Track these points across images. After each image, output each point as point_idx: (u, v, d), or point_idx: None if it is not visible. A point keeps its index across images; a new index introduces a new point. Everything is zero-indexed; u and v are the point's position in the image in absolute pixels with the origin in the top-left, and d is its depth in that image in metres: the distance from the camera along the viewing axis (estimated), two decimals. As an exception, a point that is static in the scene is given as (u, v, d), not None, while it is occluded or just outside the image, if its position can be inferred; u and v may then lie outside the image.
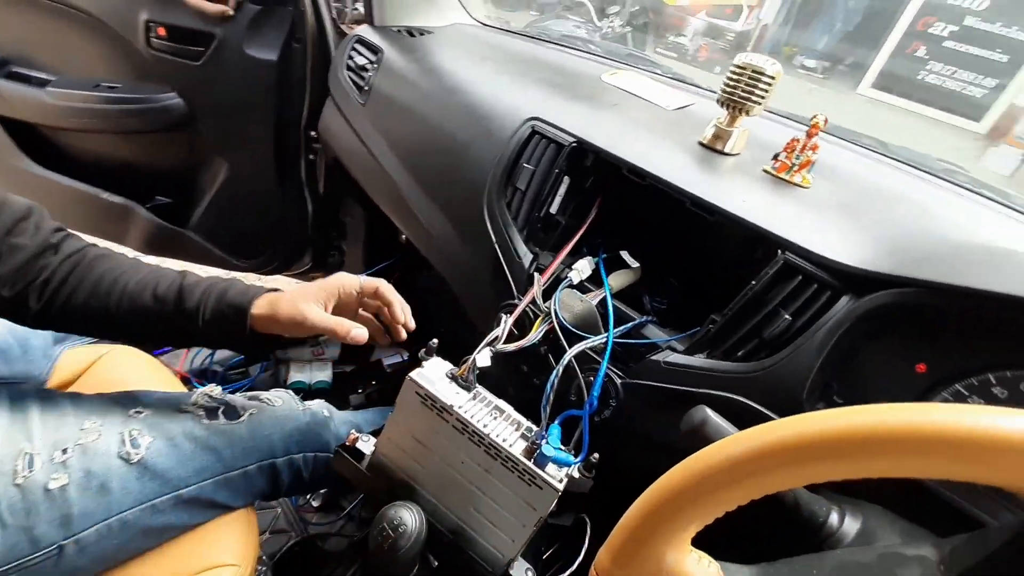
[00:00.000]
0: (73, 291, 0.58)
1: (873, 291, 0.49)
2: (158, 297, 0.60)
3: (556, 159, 0.71)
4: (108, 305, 0.59)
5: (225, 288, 0.62)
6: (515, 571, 0.58)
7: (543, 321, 0.64)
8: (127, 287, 0.60)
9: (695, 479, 0.31)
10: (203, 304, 0.61)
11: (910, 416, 0.25)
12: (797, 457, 0.27)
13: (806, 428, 0.28)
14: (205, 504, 0.63)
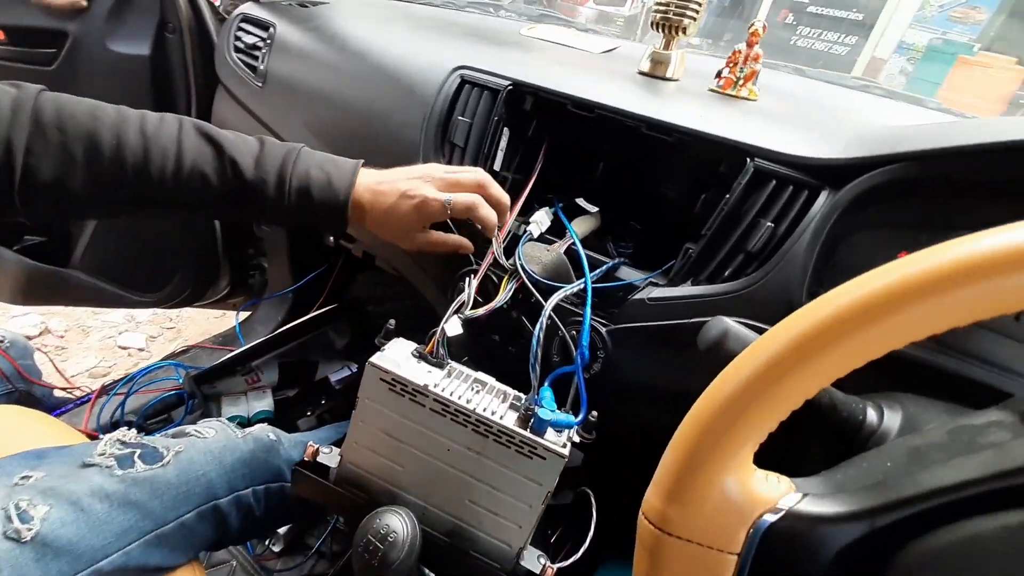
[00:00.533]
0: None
1: (850, 180, 0.47)
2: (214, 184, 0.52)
3: (493, 108, 0.65)
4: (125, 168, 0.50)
5: (306, 185, 0.55)
6: (527, 561, 0.51)
7: (510, 279, 0.57)
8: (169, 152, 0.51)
9: (751, 383, 0.26)
10: (287, 200, 0.53)
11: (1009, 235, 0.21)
12: (884, 311, 0.22)
13: (882, 282, 0.23)
14: (135, 573, 0.51)
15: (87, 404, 1.01)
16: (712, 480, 0.26)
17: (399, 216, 0.56)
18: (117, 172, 0.51)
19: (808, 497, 0.27)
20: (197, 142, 0.53)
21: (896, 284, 0.23)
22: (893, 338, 0.24)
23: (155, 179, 0.52)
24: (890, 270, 0.24)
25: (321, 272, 1.31)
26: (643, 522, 0.28)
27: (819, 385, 0.25)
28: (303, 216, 0.56)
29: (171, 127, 0.53)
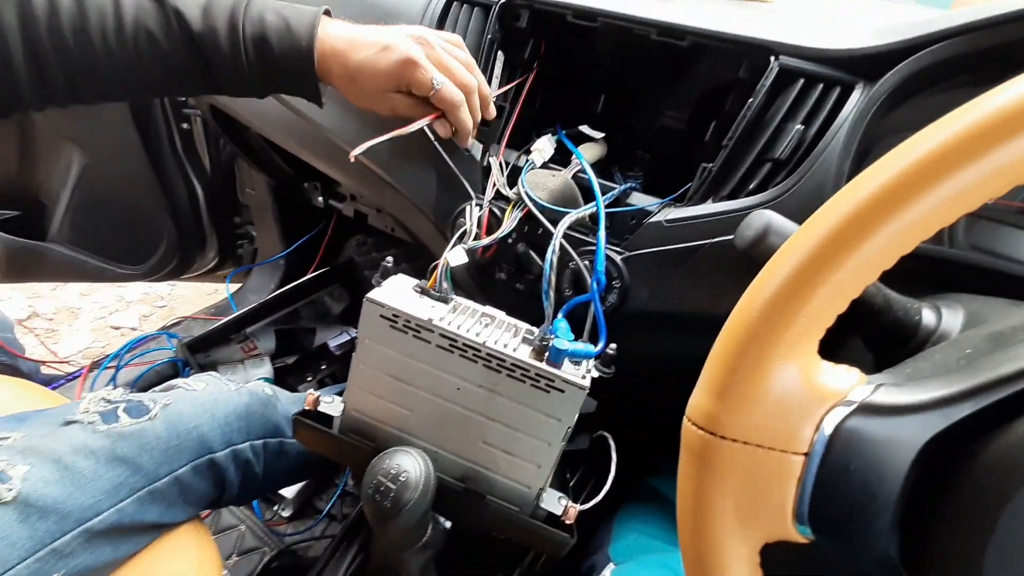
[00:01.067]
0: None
1: (888, 70, 0.42)
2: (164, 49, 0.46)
3: (484, 27, 0.59)
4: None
5: (262, 34, 0.48)
6: (547, 503, 0.49)
7: (515, 208, 0.53)
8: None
9: (815, 257, 0.22)
10: (243, 56, 0.47)
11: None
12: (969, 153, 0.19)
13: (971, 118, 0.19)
14: (131, 530, 0.48)
15: (78, 379, 0.97)
16: (771, 372, 0.23)
17: (375, 71, 0.49)
18: (56, 42, 0.45)
19: (883, 387, 0.23)
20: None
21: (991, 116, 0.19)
22: (986, 187, 0.20)
23: (97, 45, 0.46)
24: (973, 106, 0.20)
25: (312, 236, 1.26)
26: (689, 428, 0.25)
27: (895, 253, 0.22)
28: (264, 73, 0.50)
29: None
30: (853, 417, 0.23)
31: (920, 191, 0.20)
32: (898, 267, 0.40)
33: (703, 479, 0.24)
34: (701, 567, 0.25)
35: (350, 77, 0.50)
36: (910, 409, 0.22)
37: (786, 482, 0.23)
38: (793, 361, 0.23)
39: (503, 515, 0.47)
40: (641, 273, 0.51)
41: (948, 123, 0.20)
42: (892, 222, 0.21)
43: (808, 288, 0.22)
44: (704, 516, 0.24)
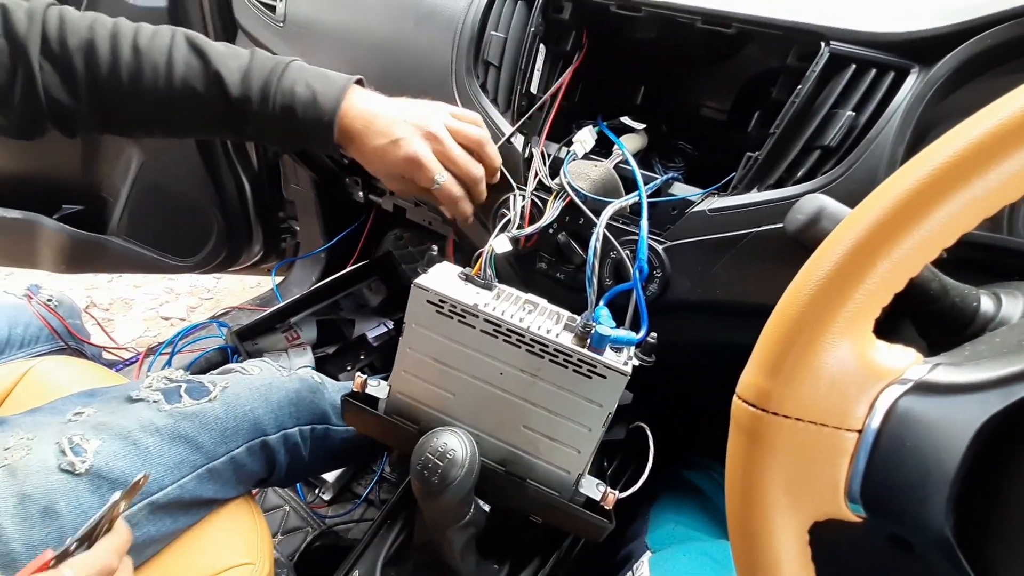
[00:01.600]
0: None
1: (944, 54, 0.41)
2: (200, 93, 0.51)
3: (528, 19, 0.60)
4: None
5: (291, 105, 0.52)
6: (585, 488, 0.49)
7: (557, 198, 0.54)
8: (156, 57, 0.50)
9: (872, 235, 0.22)
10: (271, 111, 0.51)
11: None
12: None
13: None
14: (190, 505, 0.51)
15: (135, 364, 1.03)
16: (825, 350, 0.23)
17: (385, 161, 0.53)
18: (114, 87, 0.50)
19: (941, 366, 0.23)
20: (187, 55, 0.52)
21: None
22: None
23: (149, 95, 0.51)
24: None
25: (352, 230, 1.29)
26: (739, 405, 0.25)
27: (957, 229, 0.21)
28: (289, 135, 0.54)
29: (163, 40, 0.52)
30: (909, 395, 0.22)
31: (983, 167, 0.20)
32: (957, 254, 0.39)
33: (753, 455, 0.24)
34: (749, 543, 0.25)
35: (364, 158, 0.54)
36: (969, 388, 0.22)
37: (838, 459, 0.23)
38: (848, 339, 0.23)
39: (543, 499, 0.48)
40: (683, 263, 0.51)
41: (1007, 103, 0.20)
42: (953, 198, 0.21)
43: (866, 265, 0.22)
44: (753, 491, 0.25)
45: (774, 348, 0.24)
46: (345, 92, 0.53)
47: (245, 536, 0.53)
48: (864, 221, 0.23)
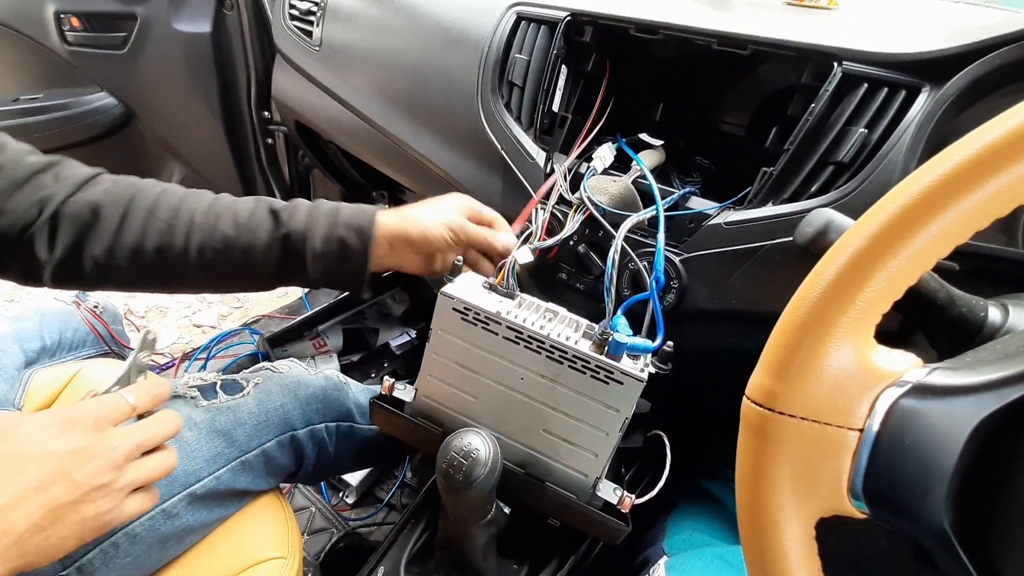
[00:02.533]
0: (119, 229, 0.46)
1: (954, 73, 0.43)
2: (243, 225, 0.48)
3: (551, 43, 0.63)
4: (174, 243, 0.46)
5: (335, 207, 0.51)
6: (603, 491, 0.51)
7: (577, 212, 0.56)
8: (195, 218, 0.47)
9: (874, 243, 0.24)
10: (310, 228, 0.48)
11: None
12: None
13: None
14: (225, 496, 0.54)
15: (172, 368, 1.08)
16: (828, 352, 0.24)
17: (411, 264, 0.54)
18: (137, 247, 0.48)
19: (939, 370, 0.24)
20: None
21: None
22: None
23: (175, 259, 0.49)
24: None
25: (378, 241, 1.33)
26: (748, 405, 0.27)
27: (956, 239, 0.23)
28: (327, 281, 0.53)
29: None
30: (908, 397, 0.24)
31: (972, 184, 0.22)
32: (970, 265, 0.40)
33: (761, 452, 0.26)
34: (758, 538, 0.27)
35: (392, 265, 0.54)
36: (964, 390, 0.23)
37: (841, 456, 0.25)
38: (850, 343, 0.25)
39: (561, 500, 0.50)
40: (699, 274, 0.53)
41: (993, 127, 0.21)
42: (944, 213, 0.22)
43: (865, 274, 0.24)
44: (761, 487, 0.26)
45: (781, 351, 0.26)
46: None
47: (277, 531, 0.56)
48: (863, 234, 0.24)
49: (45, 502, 0.32)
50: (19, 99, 1.07)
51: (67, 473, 0.33)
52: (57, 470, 0.33)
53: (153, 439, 0.40)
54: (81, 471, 0.34)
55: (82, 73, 1.05)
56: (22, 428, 0.34)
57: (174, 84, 1.05)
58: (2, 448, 0.33)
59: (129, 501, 0.38)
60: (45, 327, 0.75)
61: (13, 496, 0.31)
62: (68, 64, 1.05)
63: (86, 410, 0.37)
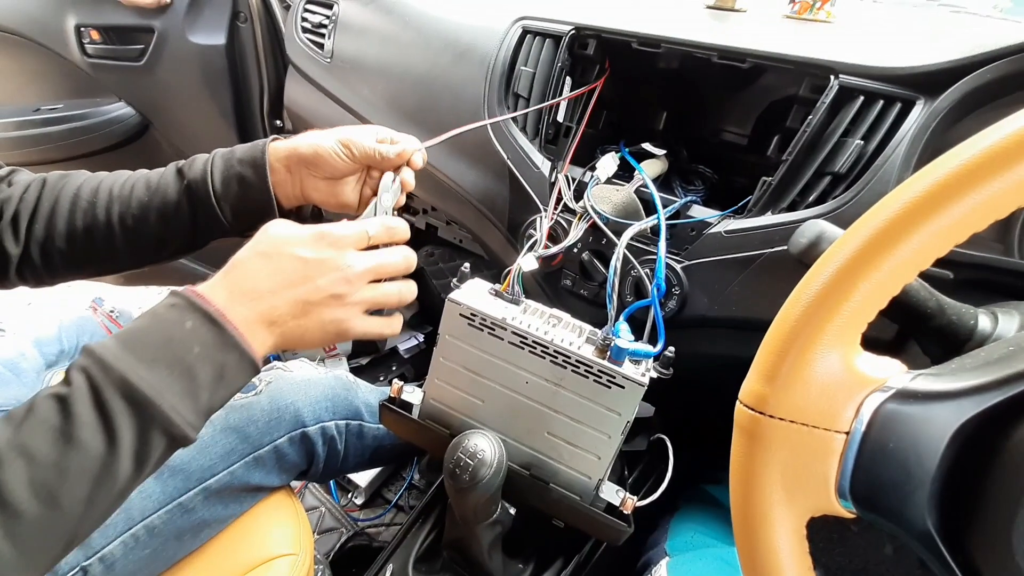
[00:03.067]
0: (51, 216, 0.49)
1: (949, 86, 0.44)
2: (154, 187, 0.50)
3: (555, 55, 0.65)
4: (97, 218, 0.49)
5: (231, 149, 0.52)
6: (606, 493, 0.52)
7: (580, 220, 0.58)
8: (113, 191, 0.50)
9: (860, 255, 0.25)
10: (208, 172, 0.50)
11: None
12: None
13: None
14: (239, 491, 0.56)
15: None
16: (815, 359, 0.26)
17: (318, 192, 0.53)
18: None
19: (921, 376, 0.26)
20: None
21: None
22: (1011, 197, 0.23)
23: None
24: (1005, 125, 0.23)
25: (386, 247, 1.35)
26: (741, 408, 0.28)
27: (934, 252, 0.24)
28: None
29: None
30: (891, 401, 0.25)
31: (946, 202, 0.23)
32: (962, 275, 0.41)
33: (753, 453, 0.27)
34: (750, 535, 0.28)
35: (300, 189, 0.53)
36: (945, 396, 0.24)
37: (829, 457, 0.26)
38: (836, 350, 0.26)
39: (565, 502, 0.51)
40: (700, 281, 0.54)
41: (964, 149, 0.23)
42: (923, 228, 0.24)
43: (850, 285, 0.25)
44: (753, 487, 0.27)
45: (771, 357, 0.27)
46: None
47: (289, 529, 0.58)
48: (847, 248, 0.26)
49: (297, 296, 0.39)
50: (40, 109, 1.11)
51: (312, 278, 0.40)
52: (304, 273, 0.39)
53: (383, 268, 0.44)
54: (323, 278, 0.40)
55: (100, 84, 1.08)
56: (282, 235, 0.40)
57: (189, 94, 1.08)
58: (268, 248, 0.40)
59: (366, 319, 0.43)
60: (64, 332, 0.78)
61: (276, 285, 0.38)
62: (87, 75, 1.08)
63: (331, 230, 0.42)
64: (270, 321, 0.38)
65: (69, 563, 0.47)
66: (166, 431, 0.34)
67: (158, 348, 0.34)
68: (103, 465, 0.32)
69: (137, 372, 0.33)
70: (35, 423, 0.32)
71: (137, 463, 0.34)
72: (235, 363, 0.36)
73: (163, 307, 0.37)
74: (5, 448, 0.31)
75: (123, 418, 0.33)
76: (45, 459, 0.31)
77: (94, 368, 0.33)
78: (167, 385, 0.34)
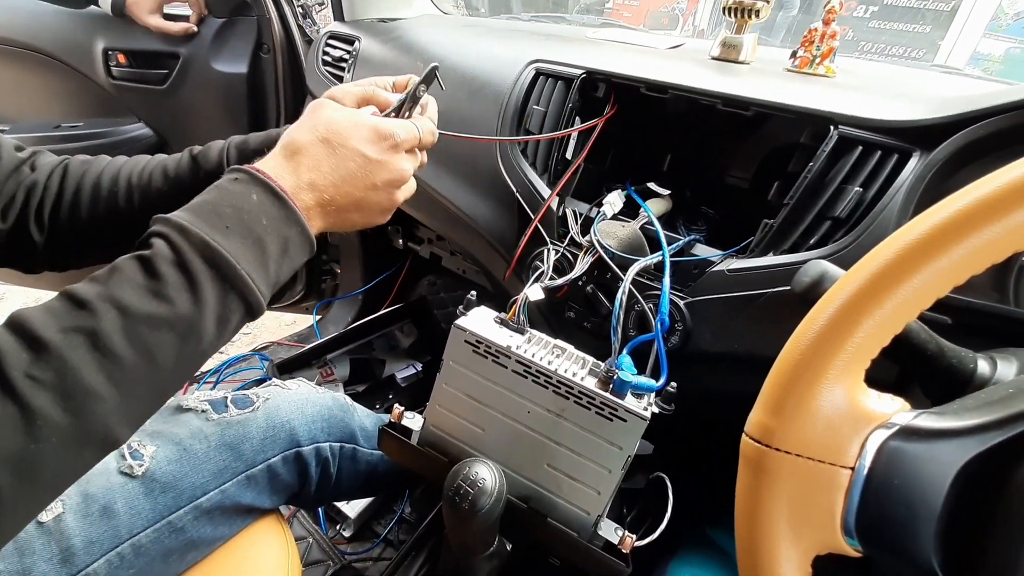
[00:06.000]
0: (74, 204, 0.50)
1: (943, 140, 0.46)
2: (171, 176, 0.51)
3: (566, 97, 0.68)
4: (119, 206, 0.50)
5: (244, 139, 0.54)
6: (604, 531, 0.51)
7: (586, 254, 0.59)
8: (132, 179, 0.51)
9: (865, 291, 0.26)
10: (224, 159, 0.51)
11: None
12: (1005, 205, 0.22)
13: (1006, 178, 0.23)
14: (229, 511, 0.55)
15: (180, 391, 1.09)
16: (821, 393, 0.26)
17: None
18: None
19: (925, 414, 0.26)
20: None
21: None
22: (1008, 242, 0.24)
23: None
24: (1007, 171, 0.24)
25: (389, 274, 1.37)
26: (747, 441, 0.28)
27: (935, 292, 0.25)
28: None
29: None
30: (896, 438, 0.26)
31: (946, 244, 0.24)
32: (960, 320, 0.42)
33: (758, 486, 0.27)
34: (755, 571, 0.28)
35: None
36: (948, 433, 0.25)
37: (834, 492, 0.26)
38: (841, 385, 0.26)
39: (563, 537, 0.50)
40: (703, 317, 0.55)
41: (963, 195, 0.24)
42: (924, 269, 0.25)
43: (854, 321, 0.26)
44: (759, 520, 0.27)
45: (777, 391, 0.28)
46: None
47: (277, 556, 0.56)
48: (851, 285, 0.27)
49: (356, 193, 0.42)
50: (60, 126, 1.14)
51: (371, 178, 0.42)
52: (366, 171, 0.42)
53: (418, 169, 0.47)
54: (381, 180, 0.43)
55: (123, 106, 1.12)
56: (342, 123, 0.42)
57: (208, 117, 1.11)
58: (330, 135, 0.41)
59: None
60: None
61: (339, 180, 0.41)
62: (109, 95, 1.11)
63: (393, 131, 0.44)
64: (326, 210, 0.41)
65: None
66: (243, 297, 0.35)
67: (230, 218, 0.35)
68: (190, 323, 0.33)
69: (214, 237, 0.34)
70: (122, 280, 0.32)
71: (219, 327, 0.34)
72: (297, 238, 0.38)
73: (227, 181, 0.38)
74: (97, 300, 0.31)
75: (206, 279, 0.33)
76: (137, 311, 0.31)
77: (173, 233, 0.34)
78: (242, 253, 0.35)
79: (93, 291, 0.31)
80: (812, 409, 0.26)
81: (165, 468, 0.52)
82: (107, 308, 0.31)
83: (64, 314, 0.30)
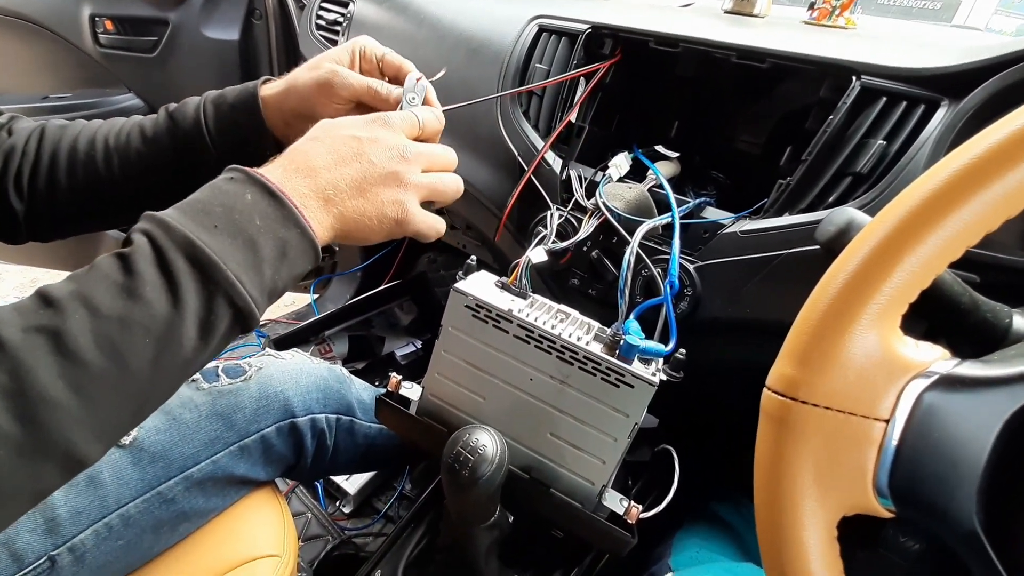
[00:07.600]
0: (51, 170, 0.47)
1: (973, 88, 0.43)
2: (149, 136, 0.49)
3: (571, 54, 0.64)
4: (99, 172, 0.48)
5: (221, 92, 0.51)
6: (609, 501, 0.49)
7: (592, 217, 0.56)
8: (109, 141, 0.48)
9: (912, 219, 0.23)
10: (202, 117, 0.49)
11: None
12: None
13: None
14: (222, 482, 0.53)
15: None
16: (853, 340, 0.24)
17: None
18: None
19: (968, 362, 0.24)
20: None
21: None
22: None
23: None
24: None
25: (388, 251, 1.34)
26: (768, 395, 0.26)
27: (978, 229, 0.23)
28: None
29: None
30: (936, 388, 0.23)
31: (1000, 171, 0.22)
32: (988, 278, 0.39)
33: (782, 443, 0.25)
34: (776, 534, 0.26)
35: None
36: (996, 382, 0.22)
37: (866, 448, 0.24)
38: (875, 331, 0.24)
39: (566, 508, 0.48)
40: (714, 282, 0.52)
41: (1008, 121, 0.21)
42: (973, 200, 0.22)
43: (892, 260, 0.24)
44: (782, 479, 0.25)
45: (803, 339, 0.25)
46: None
47: (273, 529, 0.55)
48: (890, 220, 0.24)
49: (353, 173, 0.39)
50: (48, 97, 1.10)
51: (365, 154, 0.39)
52: (358, 149, 0.40)
53: (435, 156, 0.43)
54: (377, 155, 0.40)
55: (112, 75, 1.08)
56: (334, 121, 0.41)
57: (199, 86, 1.06)
58: (320, 133, 0.40)
59: (423, 210, 0.43)
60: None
61: (330, 162, 0.38)
62: (97, 65, 1.07)
63: (383, 114, 0.42)
64: (326, 198, 0.37)
65: (36, 551, 0.44)
66: (231, 301, 0.32)
67: (219, 217, 0.33)
68: (168, 326, 0.30)
69: (200, 236, 0.32)
70: (97, 277, 0.30)
71: (203, 332, 0.32)
72: (296, 240, 0.35)
73: (222, 180, 0.36)
74: (67, 299, 0.29)
75: (187, 279, 0.31)
76: (108, 311, 0.29)
77: (156, 230, 0.31)
78: (230, 253, 0.32)
79: (66, 289, 0.29)
80: (843, 358, 0.24)
81: (154, 438, 0.51)
82: (76, 307, 0.28)
83: (30, 312, 0.28)
